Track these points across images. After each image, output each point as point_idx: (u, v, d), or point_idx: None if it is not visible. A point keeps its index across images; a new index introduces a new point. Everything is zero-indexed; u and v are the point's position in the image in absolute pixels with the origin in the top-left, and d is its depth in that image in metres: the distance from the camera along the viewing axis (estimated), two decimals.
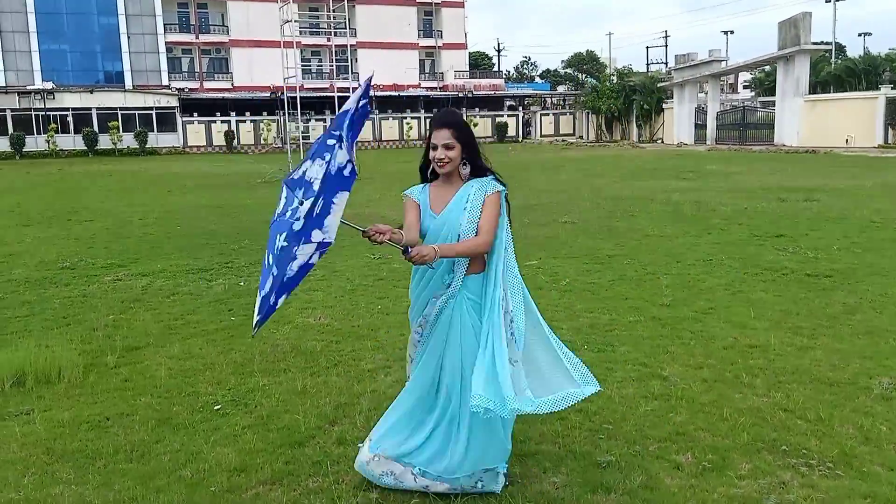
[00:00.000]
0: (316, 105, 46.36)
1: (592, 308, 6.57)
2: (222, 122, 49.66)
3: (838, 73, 47.67)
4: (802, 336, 5.56)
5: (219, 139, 49.10)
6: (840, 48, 74.43)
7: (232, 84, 55.71)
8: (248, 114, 50.49)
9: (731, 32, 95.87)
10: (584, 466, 3.53)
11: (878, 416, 4.03)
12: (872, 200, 13.82)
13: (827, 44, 59.26)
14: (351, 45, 41.55)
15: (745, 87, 72.57)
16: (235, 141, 49.04)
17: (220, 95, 52.08)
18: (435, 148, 3.28)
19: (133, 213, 15.12)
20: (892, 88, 35.57)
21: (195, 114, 49.52)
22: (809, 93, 39.49)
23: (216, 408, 4.44)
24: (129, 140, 45.76)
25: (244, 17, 55.12)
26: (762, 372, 4.79)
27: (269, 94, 49.65)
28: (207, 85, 55.37)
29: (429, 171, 3.40)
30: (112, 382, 4.94)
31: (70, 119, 46.51)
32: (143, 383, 4.92)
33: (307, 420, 4.18)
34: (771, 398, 4.34)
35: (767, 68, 50.14)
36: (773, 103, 40.42)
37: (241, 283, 8.04)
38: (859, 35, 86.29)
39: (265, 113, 50.54)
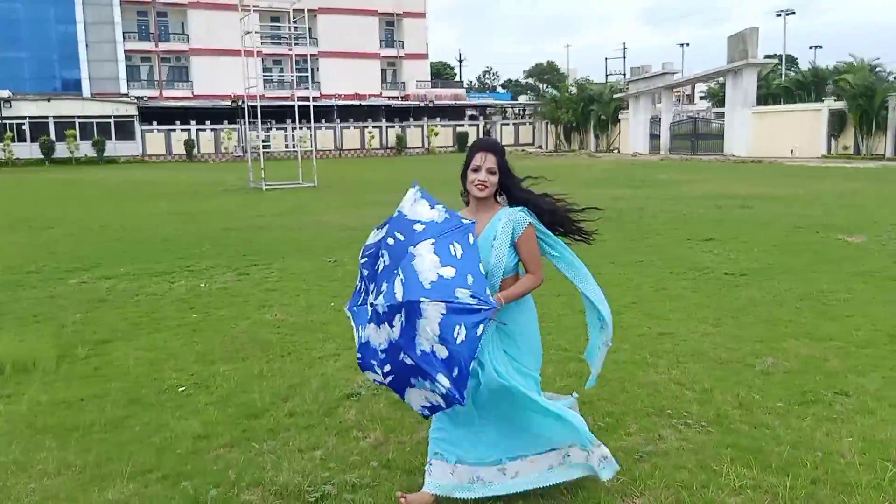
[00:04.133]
0: (277, 114, 46.62)
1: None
2: (182, 130, 49.59)
3: (788, 86, 49.52)
4: (707, 324, 6.27)
5: (178, 148, 49.05)
6: (792, 60, 76.86)
7: (192, 92, 55.65)
8: (208, 122, 50.50)
9: (687, 45, 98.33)
10: None
11: (755, 387, 4.72)
12: (801, 207, 14.77)
13: (776, 56, 61.42)
14: (312, 55, 42.03)
15: (701, 98, 74.56)
16: (196, 149, 49.04)
17: (179, 104, 52.01)
18: (477, 170, 3.28)
19: (93, 220, 15.41)
20: (836, 101, 37.20)
21: (154, 122, 49.40)
22: (758, 104, 41.03)
23: (181, 390, 4.96)
24: (86, 148, 45.49)
25: (204, 26, 55.15)
26: (666, 354, 5.47)
27: (229, 103, 49.71)
28: (167, 93, 55.25)
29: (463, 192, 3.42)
30: (84, 371, 5.42)
31: (26, 127, 46.07)
32: (112, 371, 5.41)
33: (262, 398, 4.72)
34: (668, 375, 5.01)
35: (722, 80, 51.83)
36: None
37: (202, 285, 8.52)
38: (810, 48, 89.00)
39: (226, 121, 50.62)
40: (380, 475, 3.62)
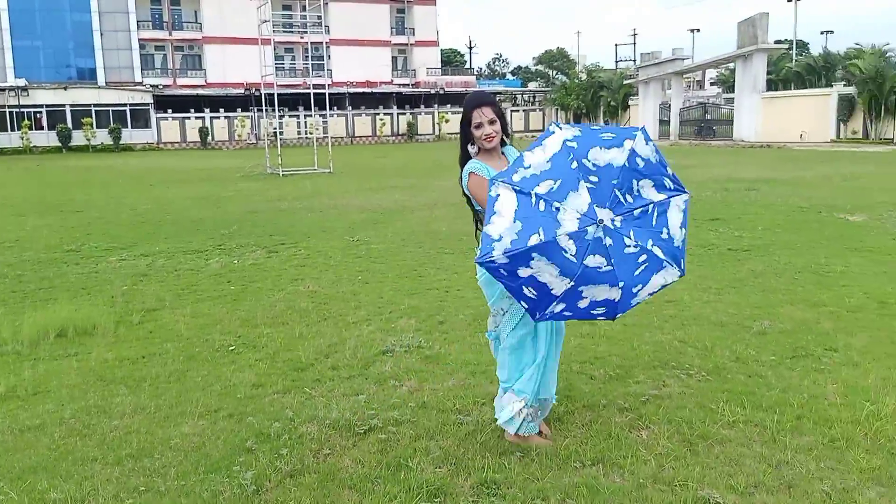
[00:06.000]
0: (288, 101, 47.09)
1: None
2: (196, 118, 50.19)
3: (799, 71, 49.62)
4: (710, 293, 6.75)
5: (193, 135, 49.68)
6: (804, 45, 76.79)
7: (205, 80, 56.20)
8: (221, 110, 51.06)
9: (698, 31, 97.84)
10: None
11: (751, 344, 5.21)
12: (807, 189, 15.17)
13: (787, 42, 61.29)
14: (325, 43, 42.40)
15: (711, 84, 74.52)
16: (210, 137, 49.66)
17: (193, 92, 52.58)
18: (480, 126, 3.60)
19: (120, 204, 15.98)
20: (845, 86, 37.36)
21: (169, 110, 50.00)
22: (768, 89, 41.20)
23: (230, 349, 5.49)
24: (102, 136, 46.17)
25: (217, 14, 55.62)
26: (672, 318, 5.96)
27: (242, 91, 50.24)
28: (181, 81, 55.80)
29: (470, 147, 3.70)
30: (140, 333, 5.97)
31: (43, 115, 46.77)
32: (166, 334, 5.94)
33: (306, 355, 5.25)
34: (673, 335, 5.50)
35: (732, 65, 51.89)
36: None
37: (236, 262, 9.06)
38: (821, 33, 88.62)
39: (239, 109, 51.15)
40: (418, 413, 4.14)
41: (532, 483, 3.34)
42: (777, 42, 49.95)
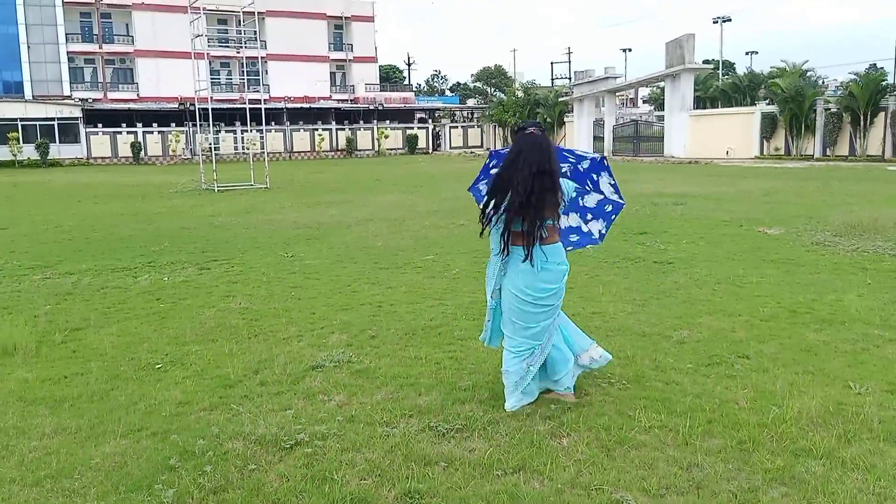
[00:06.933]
0: (225, 116, 46.51)
1: (475, 290, 7.83)
2: (128, 132, 49.02)
3: (725, 90, 51.57)
4: (635, 305, 6.98)
5: (125, 150, 48.46)
6: (730, 65, 79.90)
7: (138, 94, 55.06)
8: (155, 125, 50.00)
9: (630, 50, 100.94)
10: (448, 389, 4.74)
11: (670, 353, 5.42)
12: (730, 204, 15.78)
13: (714, 62, 63.68)
14: (261, 58, 42.03)
15: (644, 102, 76.70)
16: (143, 152, 48.53)
17: (125, 106, 51.39)
18: None
19: (47, 221, 15.51)
20: (768, 104, 38.96)
21: (99, 125, 48.71)
22: (695, 108, 42.65)
23: (157, 366, 5.42)
24: (29, 151, 44.62)
25: (150, 27, 54.61)
26: (597, 329, 6.13)
27: (176, 105, 49.35)
28: (112, 95, 54.51)
29: None
30: (63, 353, 5.83)
31: None
32: (90, 353, 5.83)
33: (235, 371, 5.23)
34: None
35: (663, 84, 53.55)
36: None
37: (166, 279, 8.91)
38: (746, 53, 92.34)
39: (173, 124, 50.18)
40: (345, 427, 4.18)
41: (455, 492, 3.43)
42: (705, 62, 51.87)
